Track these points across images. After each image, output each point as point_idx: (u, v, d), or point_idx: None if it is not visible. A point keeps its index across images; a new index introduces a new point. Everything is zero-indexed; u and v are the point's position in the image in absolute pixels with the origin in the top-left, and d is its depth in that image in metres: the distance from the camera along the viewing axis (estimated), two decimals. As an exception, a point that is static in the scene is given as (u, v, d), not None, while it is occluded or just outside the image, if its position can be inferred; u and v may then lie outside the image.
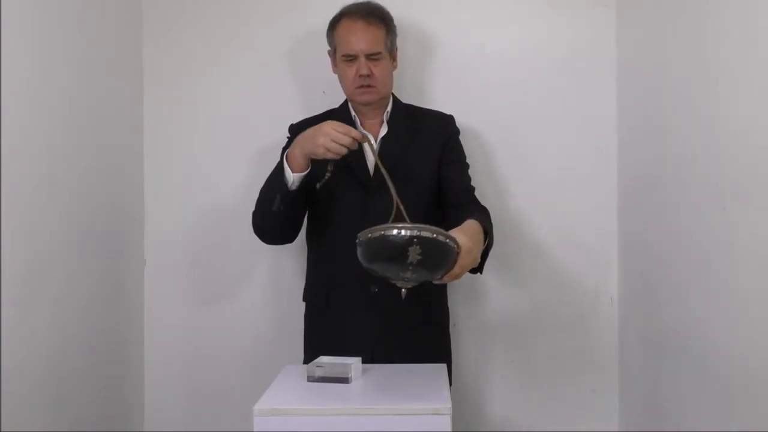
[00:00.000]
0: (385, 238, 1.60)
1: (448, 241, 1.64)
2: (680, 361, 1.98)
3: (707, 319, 1.80)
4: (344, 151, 1.87)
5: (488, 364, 2.49)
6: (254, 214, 2.07)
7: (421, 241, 1.58)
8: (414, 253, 1.58)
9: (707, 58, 1.81)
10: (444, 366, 1.93)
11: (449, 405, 1.60)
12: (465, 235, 1.74)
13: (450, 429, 1.58)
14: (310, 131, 1.91)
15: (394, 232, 1.59)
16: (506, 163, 2.48)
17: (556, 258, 2.47)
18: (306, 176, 1.96)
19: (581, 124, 2.47)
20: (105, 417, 2.26)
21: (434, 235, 1.60)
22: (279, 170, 1.97)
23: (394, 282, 1.69)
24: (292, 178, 1.94)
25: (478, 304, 2.49)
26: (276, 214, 1.99)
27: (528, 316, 2.49)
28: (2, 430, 1.71)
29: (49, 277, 1.95)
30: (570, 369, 2.48)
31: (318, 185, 1.95)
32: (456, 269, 1.69)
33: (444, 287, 2.25)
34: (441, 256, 1.64)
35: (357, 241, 1.67)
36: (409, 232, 1.58)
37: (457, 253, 1.68)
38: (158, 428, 2.51)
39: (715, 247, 1.76)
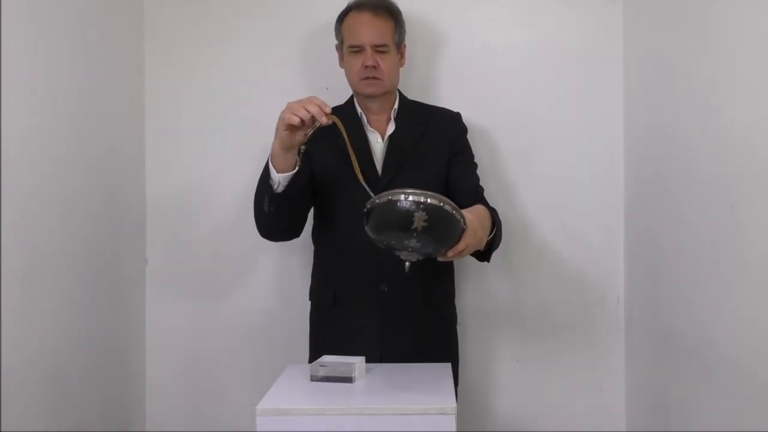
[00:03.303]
0: (392, 203, 1.60)
1: (454, 212, 1.64)
2: (687, 360, 1.96)
3: (714, 318, 1.79)
4: (303, 113, 1.79)
5: (494, 363, 2.48)
6: (254, 212, 2.05)
7: (428, 207, 1.58)
8: (420, 220, 1.58)
9: (715, 56, 1.79)
10: (449, 365, 1.92)
11: (454, 404, 1.58)
12: (471, 214, 1.75)
13: (455, 429, 1.56)
14: None
15: (402, 197, 1.59)
16: (512, 160, 2.47)
17: (563, 256, 2.46)
18: (296, 177, 1.91)
19: (588, 122, 2.46)
20: (106, 417, 2.25)
21: (441, 204, 1.60)
22: (265, 171, 1.94)
23: (398, 254, 1.68)
24: (278, 179, 1.90)
25: (485, 302, 2.48)
26: (268, 215, 1.96)
27: (534, 315, 2.48)
28: (2, 430, 1.70)
29: (50, 277, 1.93)
30: (576, 368, 2.47)
31: (301, 148, 1.88)
32: (461, 245, 1.68)
33: (451, 285, 2.23)
34: (446, 226, 1.63)
35: (365, 210, 1.66)
36: (415, 198, 1.58)
37: (463, 229, 1.67)
38: (160, 428, 2.50)
39: (722, 246, 1.75)
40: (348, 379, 1.74)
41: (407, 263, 1.69)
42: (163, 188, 2.50)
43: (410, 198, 1.59)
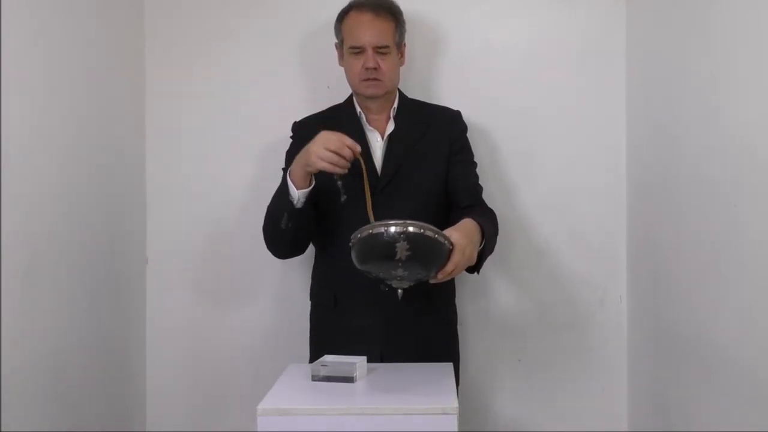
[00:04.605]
0: (373, 237, 1.63)
1: (437, 236, 1.65)
2: (689, 360, 1.96)
3: (717, 318, 1.79)
4: (336, 159, 1.83)
5: (496, 363, 2.47)
6: (264, 230, 2.07)
7: (408, 236, 1.60)
8: (402, 250, 1.60)
9: (718, 54, 1.79)
10: (450, 365, 1.92)
11: (456, 404, 1.58)
12: (458, 232, 1.74)
13: (456, 429, 1.56)
14: (307, 145, 1.89)
15: (381, 229, 1.62)
16: (513, 160, 2.46)
17: (565, 256, 2.45)
18: (311, 192, 1.94)
19: (589, 121, 2.45)
20: (106, 417, 2.24)
21: (421, 231, 1.62)
22: (285, 188, 1.96)
23: (389, 283, 1.70)
24: (298, 195, 1.93)
25: (486, 302, 2.47)
26: (285, 232, 1.99)
27: (536, 315, 2.47)
28: (2, 430, 1.69)
29: (50, 277, 1.93)
30: (578, 368, 2.46)
31: (342, 199, 1.88)
32: (449, 266, 1.69)
33: (452, 286, 2.22)
34: (430, 252, 1.65)
35: (350, 243, 1.69)
36: (395, 229, 1.60)
37: (450, 250, 1.67)
38: (160, 428, 2.49)
39: (724, 246, 1.74)
40: (349, 379, 1.74)
41: (400, 291, 1.72)
42: (164, 187, 2.49)
43: (390, 229, 1.61)
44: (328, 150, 1.83)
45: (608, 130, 2.44)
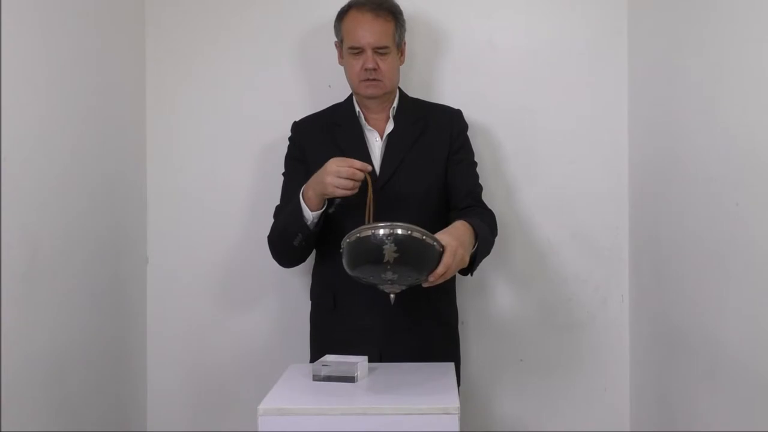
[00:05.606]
0: (361, 241, 1.63)
1: (424, 238, 1.64)
2: (692, 359, 1.95)
3: (719, 317, 1.78)
4: (350, 184, 1.87)
5: (497, 363, 2.47)
6: (272, 245, 2.09)
7: (396, 239, 1.60)
8: (390, 252, 1.59)
9: (720, 52, 1.78)
10: (452, 365, 1.91)
11: (457, 404, 1.58)
12: (449, 235, 1.74)
13: (458, 429, 1.55)
14: (318, 173, 1.92)
15: (368, 232, 1.61)
16: (514, 159, 2.45)
17: (567, 255, 2.45)
18: (324, 212, 1.99)
19: (592, 121, 2.45)
20: (107, 417, 2.24)
21: (408, 232, 1.61)
22: (298, 208, 1.97)
23: (381, 288, 1.70)
24: (312, 216, 1.96)
25: (487, 302, 2.46)
26: (297, 248, 2.02)
27: (538, 314, 2.46)
28: (2, 430, 1.69)
29: (50, 276, 1.93)
30: (580, 368, 2.46)
31: (330, 210, 1.97)
32: (440, 268, 1.69)
33: (452, 286, 2.22)
34: (419, 254, 1.64)
35: (340, 250, 1.69)
36: (382, 231, 1.60)
37: (440, 252, 1.67)
38: (161, 428, 2.49)
39: (727, 244, 1.74)
40: (351, 379, 1.74)
41: (392, 295, 1.72)
42: (164, 187, 2.49)
43: (378, 232, 1.60)
44: (341, 178, 1.86)
45: (610, 129, 2.44)
